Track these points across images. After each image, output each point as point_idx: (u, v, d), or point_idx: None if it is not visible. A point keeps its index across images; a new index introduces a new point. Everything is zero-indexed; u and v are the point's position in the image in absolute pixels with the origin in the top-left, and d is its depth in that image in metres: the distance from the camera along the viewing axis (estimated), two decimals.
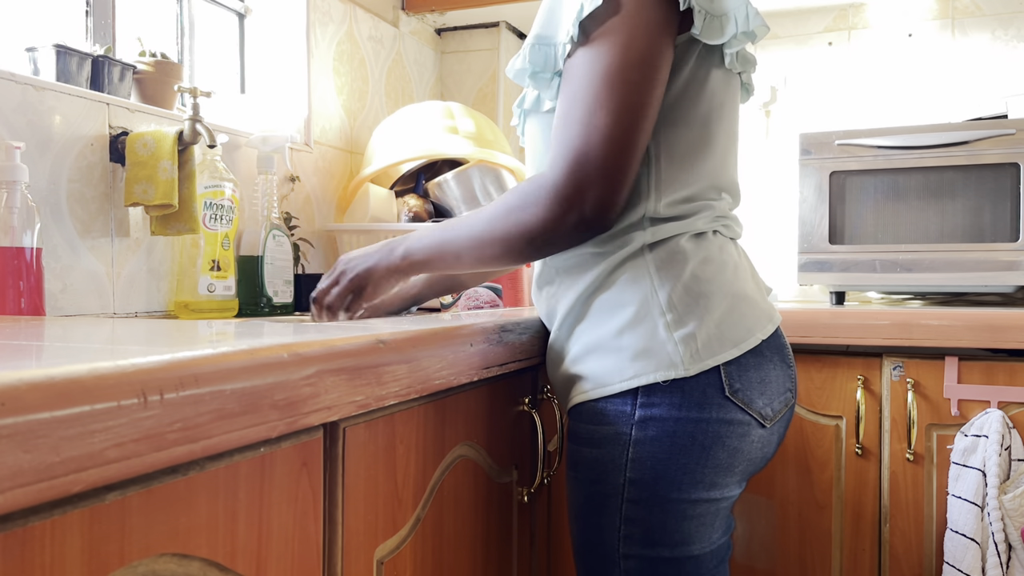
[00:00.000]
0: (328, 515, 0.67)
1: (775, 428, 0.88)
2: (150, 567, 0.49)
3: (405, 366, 0.70)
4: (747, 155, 2.11)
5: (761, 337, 0.86)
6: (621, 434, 0.84)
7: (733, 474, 0.85)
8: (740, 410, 0.83)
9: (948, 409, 1.37)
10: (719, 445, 0.83)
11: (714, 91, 0.88)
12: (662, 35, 0.81)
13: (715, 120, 0.88)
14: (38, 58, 1.24)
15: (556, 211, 0.81)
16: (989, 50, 1.95)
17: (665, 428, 0.83)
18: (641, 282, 0.85)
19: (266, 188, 1.50)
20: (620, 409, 0.84)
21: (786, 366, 0.89)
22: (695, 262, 0.85)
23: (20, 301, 1.04)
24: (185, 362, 0.47)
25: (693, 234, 0.87)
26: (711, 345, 0.83)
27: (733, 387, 0.83)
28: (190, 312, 1.35)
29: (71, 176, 1.22)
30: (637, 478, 0.84)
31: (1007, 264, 1.59)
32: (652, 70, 0.80)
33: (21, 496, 0.37)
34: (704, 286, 0.85)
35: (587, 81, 0.80)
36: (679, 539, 0.84)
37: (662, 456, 0.83)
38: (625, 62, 0.79)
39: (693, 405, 0.82)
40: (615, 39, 0.79)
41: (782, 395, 0.88)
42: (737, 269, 0.89)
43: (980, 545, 1.25)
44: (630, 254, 0.86)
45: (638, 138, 0.80)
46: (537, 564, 1.13)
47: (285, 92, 1.77)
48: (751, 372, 0.84)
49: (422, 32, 2.26)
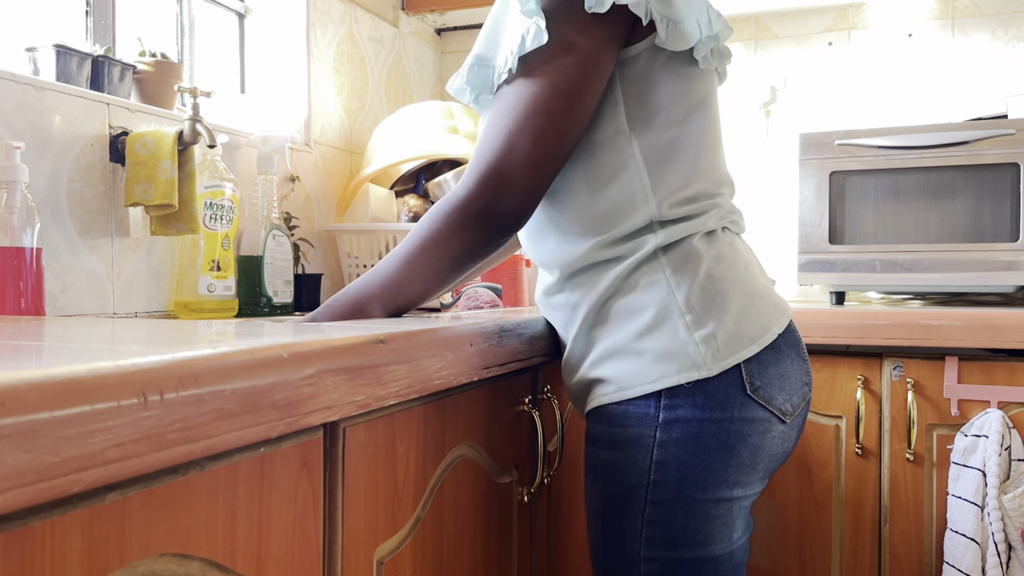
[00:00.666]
0: (328, 515, 0.67)
1: (794, 423, 0.88)
2: (150, 567, 0.49)
3: (405, 366, 0.70)
4: (747, 155, 2.11)
5: (777, 331, 0.86)
6: (645, 436, 0.84)
7: (756, 471, 0.86)
8: (761, 407, 0.84)
9: (948, 409, 1.37)
10: (742, 443, 0.83)
11: (691, 90, 0.88)
12: (600, 63, 0.83)
13: (698, 118, 0.89)
14: (38, 58, 1.24)
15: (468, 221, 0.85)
16: (989, 50, 1.95)
17: (690, 429, 0.83)
18: (658, 285, 0.85)
19: (266, 188, 1.50)
20: (643, 411, 0.84)
21: (802, 360, 0.90)
22: (709, 261, 0.86)
23: (20, 301, 1.04)
24: (185, 362, 0.47)
25: (704, 233, 0.87)
26: (731, 343, 0.83)
27: (754, 384, 0.84)
28: (190, 312, 1.35)
29: (71, 176, 1.22)
30: (661, 480, 0.84)
31: (1007, 264, 1.59)
32: (577, 100, 0.83)
33: (21, 496, 0.37)
34: (720, 284, 0.85)
35: (513, 106, 0.84)
36: (701, 539, 0.84)
37: (687, 457, 0.83)
38: (554, 92, 0.82)
39: (716, 405, 0.83)
40: (550, 71, 0.83)
41: (800, 389, 0.88)
42: (748, 265, 0.90)
43: (980, 545, 1.25)
44: (644, 258, 0.86)
45: (553, 162, 0.84)
46: (537, 564, 1.13)
47: (285, 92, 1.77)
48: (770, 368, 0.85)
49: (422, 32, 2.26)
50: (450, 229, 0.86)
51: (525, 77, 0.83)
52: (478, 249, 0.87)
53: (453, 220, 0.86)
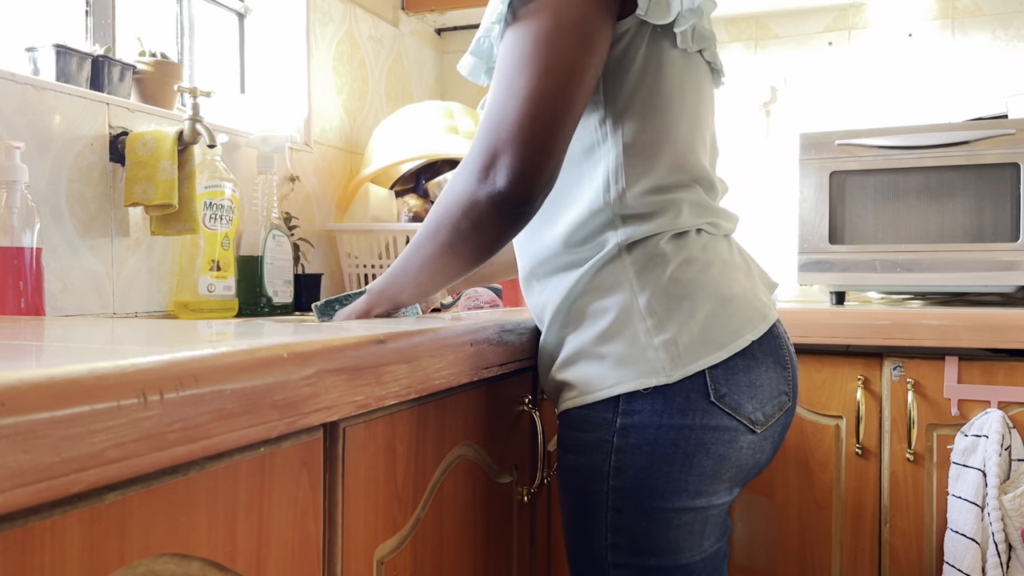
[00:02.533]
0: (328, 515, 0.67)
1: (768, 433, 0.84)
2: (150, 567, 0.49)
3: (405, 366, 0.70)
4: (747, 155, 2.11)
5: (751, 338, 0.82)
6: (604, 442, 0.82)
7: (721, 481, 0.83)
8: (727, 415, 0.80)
9: (948, 409, 1.37)
10: (703, 452, 0.80)
11: (671, 74, 0.84)
12: (598, 8, 0.77)
13: (676, 105, 0.85)
14: (38, 58, 1.24)
15: (472, 182, 0.76)
16: (989, 50, 1.95)
17: (646, 436, 0.80)
18: (621, 287, 0.83)
19: (266, 188, 1.50)
20: (602, 416, 0.82)
21: (781, 368, 0.85)
22: (675, 264, 0.82)
23: (20, 301, 1.04)
24: (185, 362, 0.47)
25: (673, 234, 0.84)
26: (694, 349, 0.80)
27: (719, 392, 0.80)
28: (190, 312, 1.35)
29: (71, 176, 1.22)
30: (620, 486, 0.82)
31: (1007, 264, 1.59)
32: (584, 35, 0.75)
33: (21, 496, 0.37)
34: (685, 288, 0.82)
35: (513, 50, 0.76)
36: (666, 548, 0.82)
37: (643, 464, 0.81)
38: (555, 26, 0.75)
39: (675, 411, 0.80)
40: (545, 9, 0.76)
41: (775, 399, 0.84)
42: (725, 268, 0.86)
43: (980, 545, 1.25)
44: (608, 258, 0.83)
45: (563, 102, 0.74)
46: (537, 564, 1.13)
47: (285, 92, 1.77)
48: (739, 375, 0.81)
49: (422, 32, 2.26)
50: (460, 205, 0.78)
51: (523, 16, 0.76)
52: (484, 226, 0.78)
53: (458, 189, 0.78)
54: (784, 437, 0.89)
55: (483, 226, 0.78)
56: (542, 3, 0.76)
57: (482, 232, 0.79)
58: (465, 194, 0.77)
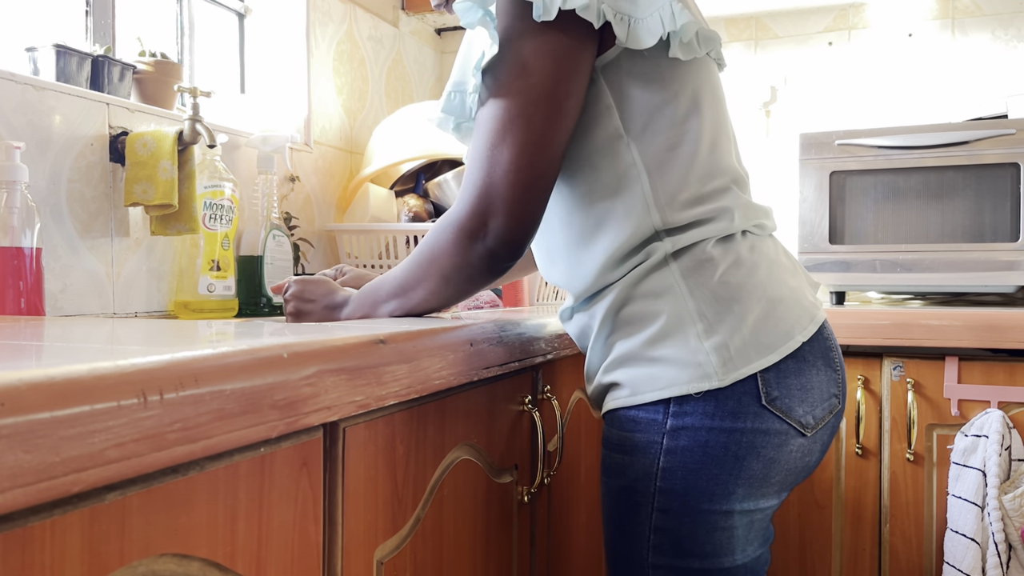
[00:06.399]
0: (328, 515, 0.67)
1: (818, 436, 0.84)
2: (150, 567, 0.49)
3: (405, 366, 0.70)
4: (747, 155, 2.11)
5: (802, 339, 0.82)
6: (652, 443, 0.83)
7: (769, 485, 0.83)
8: (778, 419, 0.81)
9: (948, 409, 1.37)
10: (753, 455, 0.81)
11: (683, 86, 0.85)
12: (570, 67, 0.81)
13: (696, 114, 0.86)
14: (38, 58, 1.24)
15: (462, 246, 0.83)
16: (989, 50, 1.95)
17: (697, 438, 0.81)
18: (670, 292, 0.83)
19: (266, 188, 1.50)
20: (652, 417, 0.83)
21: (831, 370, 0.85)
22: (724, 266, 0.83)
23: (20, 301, 1.04)
24: (185, 362, 0.47)
25: (719, 238, 0.84)
26: (746, 352, 0.80)
27: (771, 395, 0.80)
28: (190, 312, 1.35)
29: (71, 176, 1.22)
30: (667, 487, 0.83)
31: (1007, 264, 1.59)
32: (556, 104, 0.81)
33: (21, 496, 0.37)
34: (735, 291, 0.82)
35: (489, 121, 0.82)
36: (710, 550, 0.82)
37: (693, 466, 0.81)
38: (528, 100, 0.81)
39: (727, 414, 0.80)
40: (521, 81, 0.81)
41: (826, 401, 0.84)
42: (772, 268, 0.86)
43: (980, 545, 1.25)
44: (655, 265, 0.84)
45: (541, 172, 0.81)
46: (537, 564, 1.13)
47: (285, 92, 1.77)
48: (791, 378, 0.82)
49: (422, 32, 2.26)
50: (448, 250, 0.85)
51: (497, 92, 0.82)
52: (475, 277, 0.86)
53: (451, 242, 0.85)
54: (832, 439, 0.89)
55: (475, 279, 0.87)
56: (514, 75, 0.82)
57: (474, 284, 0.88)
58: (456, 255, 0.85)
